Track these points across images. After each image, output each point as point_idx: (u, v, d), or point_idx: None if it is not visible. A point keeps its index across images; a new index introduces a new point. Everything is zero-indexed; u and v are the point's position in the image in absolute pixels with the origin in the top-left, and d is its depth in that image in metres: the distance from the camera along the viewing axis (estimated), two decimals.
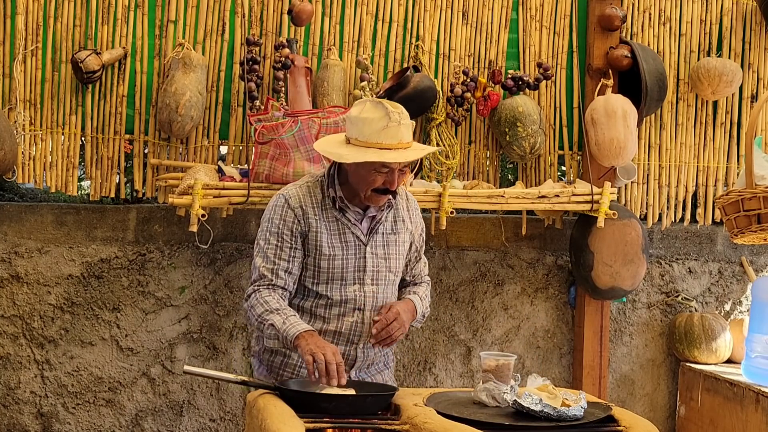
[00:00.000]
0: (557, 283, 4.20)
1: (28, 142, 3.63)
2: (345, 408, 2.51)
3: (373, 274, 2.93)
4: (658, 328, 4.31)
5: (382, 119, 2.76)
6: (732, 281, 4.39)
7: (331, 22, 3.84)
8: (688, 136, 4.17)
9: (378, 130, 2.76)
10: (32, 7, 3.61)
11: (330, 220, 2.90)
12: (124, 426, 3.83)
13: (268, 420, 2.40)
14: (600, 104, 3.84)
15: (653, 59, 3.90)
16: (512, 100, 3.83)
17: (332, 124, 3.47)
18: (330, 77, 3.69)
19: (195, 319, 3.86)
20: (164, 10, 3.71)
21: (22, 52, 3.60)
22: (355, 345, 2.93)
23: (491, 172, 4.04)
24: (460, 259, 4.10)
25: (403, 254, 3.03)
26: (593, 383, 4.05)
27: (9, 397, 3.75)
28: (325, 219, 2.90)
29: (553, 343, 4.20)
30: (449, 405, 2.60)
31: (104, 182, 3.73)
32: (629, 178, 3.98)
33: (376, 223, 2.95)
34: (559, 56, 4.04)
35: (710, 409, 3.98)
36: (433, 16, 3.93)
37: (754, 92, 4.20)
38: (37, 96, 3.64)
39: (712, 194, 4.19)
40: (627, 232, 3.93)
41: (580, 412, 2.50)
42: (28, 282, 3.74)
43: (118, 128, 3.71)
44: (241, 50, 3.74)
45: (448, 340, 4.11)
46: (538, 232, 4.16)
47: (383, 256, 2.96)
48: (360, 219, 2.93)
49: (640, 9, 4.09)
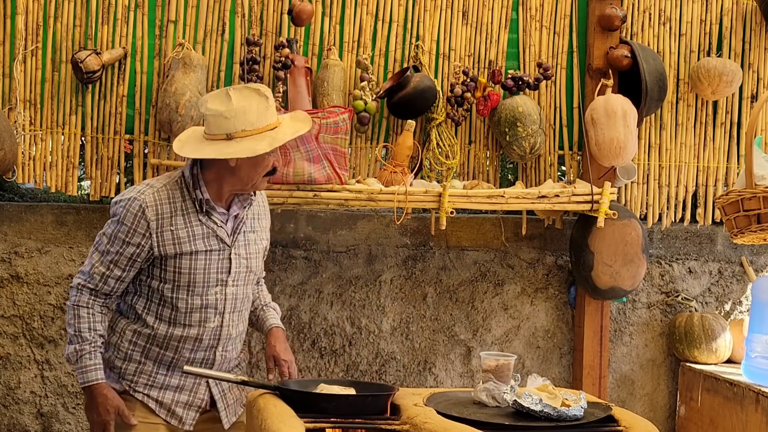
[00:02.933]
0: (557, 283, 4.20)
1: (28, 142, 3.63)
2: (345, 408, 2.52)
3: (236, 275, 2.85)
4: (658, 328, 4.31)
5: (261, 102, 2.71)
6: (732, 281, 4.39)
7: (331, 22, 3.84)
8: (688, 136, 4.17)
9: (262, 112, 2.71)
10: (32, 7, 3.61)
11: (193, 225, 2.78)
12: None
13: (268, 420, 2.40)
14: (600, 104, 3.84)
15: (653, 59, 3.90)
16: (512, 100, 3.83)
17: (332, 124, 3.46)
18: (330, 77, 3.69)
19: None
20: (164, 10, 3.71)
21: (22, 52, 3.60)
22: (214, 349, 2.86)
23: (491, 172, 4.04)
24: (460, 259, 4.11)
25: (261, 252, 2.96)
26: (593, 383, 4.05)
27: (9, 397, 3.75)
28: (186, 224, 2.77)
29: (553, 343, 4.20)
30: (449, 405, 2.60)
31: (104, 182, 3.72)
32: (629, 178, 3.98)
33: (239, 222, 2.86)
34: (559, 56, 4.04)
35: (710, 409, 3.98)
36: (433, 16, 3.93)
37: (754, 92, 4.20)
38: (37, 96, 3.64)
39: (712, 194, 4.19)
40: (627, 232, 3.93)
41: (580, 412, 2.50)
42: (28, 282, 3.74)
43: (118, 128, 3.71)
44: (241, 50, 3.74)
45: (448, 340, 4.11)
46: (538, 232, 4.16)
47: (245, 256, 2.88)
48: (225, 220, 2.83)
49: (640, 9, 4.08)
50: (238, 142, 2.69)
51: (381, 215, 4.02)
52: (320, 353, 3.98)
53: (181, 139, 2.84)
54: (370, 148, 3.91)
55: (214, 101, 2.72)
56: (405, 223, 4.01)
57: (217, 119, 2.71)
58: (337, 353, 3.99)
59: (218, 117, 2.71)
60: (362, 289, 4.02)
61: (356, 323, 4.02)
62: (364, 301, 4.02)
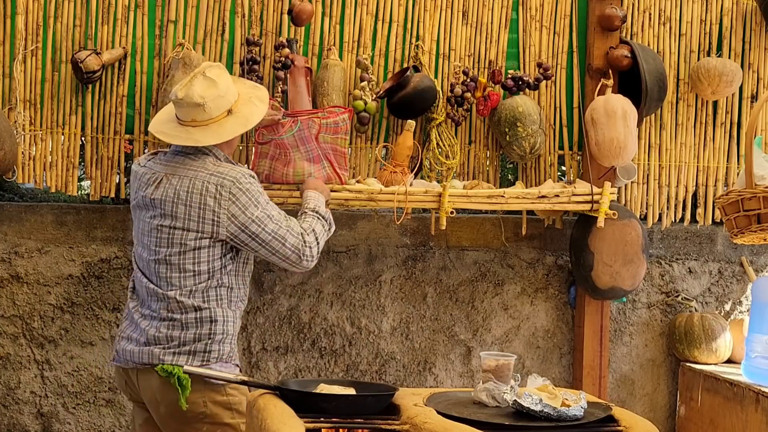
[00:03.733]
0: (557, 283, 4.20)
1: (28, 142, 3.63)
2: (345, 408, 2.51)
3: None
4: (658, 328, 4.31)
5: (223, 73, 3.04)
6: (732, 281, 4.39)
7: (331, 22, 3.84)
8: (688, 136, 4.17)
9: (230, 82, 3.08)
10: (32, 7, 3.61)
11: None
12: (124, 426, 3.83)
13: (268, 420, 2.40)
14: (600, 104, 3.84)
15: (653, 59, 3.90)
16: (512, 100, 3.83)
17: (332, 124, 3.46)
18: (330, 77, 3.69)
19: None
20: (164, 10, 3.71)
21: (22, 52, 3.60)
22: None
23: (491, 172, 4.04)
24: (460, 259, 4.11)
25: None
26: (593, 383, 4.05)
27: (9, 397, 3.75)
28: None
29: (553, 343, 4.20)
30: (449, 405, 2.60)
31: (104, 182, 3.72)
32: (629, 178, 3.98)
33: None
34: (559, 56, 4.04)
35: (710, 409, 3.98)
36: (433, 16, 3.93)
37: (754, 92, 4.20)
38: (37, 96, 3.64)
39: (712, 194, 4.19)
40: (627, 232, 3.93)
41: (580, 412, 2.50)
42: (28, 282, 3.74)
43: (118, 128, 3.71)
44: (241, 50, 3.74)
45: (448, 340, 4.11)
46: (538, 232, 4.16)
47: None
48: None
49: (640, 9, 4.08)
50: (238, 113, 3.00)
51: (381, 215, 4.02)
52: (320, 353, 3.98)
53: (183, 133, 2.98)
54: (370, 148, 3.91)
55: (198, 88, 2.91)
56: (405, 223, 4.01)
57: (216, 101, 2.94)
58: (337, 353, 3.99)
59: (217, 99, 2.94)
60: (362, 289, 4.02)
61: (356, 323, 4.02)
62: (364, 301, 4.02)
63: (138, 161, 3.13)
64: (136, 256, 3.06)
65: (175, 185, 2.92)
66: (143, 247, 3.00)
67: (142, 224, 3.01)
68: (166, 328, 2.91)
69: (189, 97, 2.91)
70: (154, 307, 2.95)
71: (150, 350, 2.91)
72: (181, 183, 2.92)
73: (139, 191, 3.01)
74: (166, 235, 2.92)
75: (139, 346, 2.94)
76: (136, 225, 3.05)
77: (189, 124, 2.96)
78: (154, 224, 2.95)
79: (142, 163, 3.09)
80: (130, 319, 3.03)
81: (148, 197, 2.96)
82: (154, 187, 2.95)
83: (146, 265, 2.99)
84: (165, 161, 3.01)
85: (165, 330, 2.91)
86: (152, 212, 2.96)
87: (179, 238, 2.91)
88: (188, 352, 2.90)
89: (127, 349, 2.97)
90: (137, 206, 3.03)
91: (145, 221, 2.98)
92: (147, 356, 2.91)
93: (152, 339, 2.92)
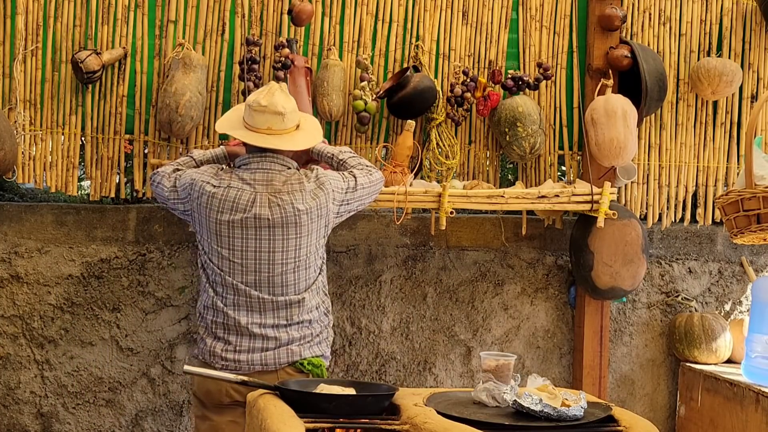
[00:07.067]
0: (557, 283, 4.20)
1: (28, 142, 3.63)
2: (345, 408, 2.51)
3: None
4: (658, 328, 4.31)
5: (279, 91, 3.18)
6: (732, 281, 4.39)
7: (331, 22, 3.84)
8: (688, 136, 4.17)
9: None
10: (32, 7, 3.61)
11: None
12: (124, 426, 3.83)
13: (268, 420, 2.40)
14: (600, 104, 3.84)
15: (653, 59, 3.90)
16: (512, 100, 3.83)
17: None
18: (330, 77, 3.69)
19: (195, 320, 3.86)
20: (164, 10, 3.71)
21: (22, 52, 3.60)
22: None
23: (491, 172, 4.04)
24: (460, 259, 4.11)
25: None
26: (593, 383, 4.05)
27: (9, 397, 3.75)
28: None
29: (553, 343, 4.20)
30: (449, 405, 2.60)
31: (104, 182, 3.73)
32: (629, 178, 3.98)
33: None
34: (559, 56, 4.04)
35: (710, 409, 3.98)
36: (433, 16, 3.93)
37: (754, 92, 4.20)
38: (37, 96, 3.65)
39: (712, 194, 4.19)
40: (627, 232, 3.93)
41: (580, 412, 2.50)
42: (28, 282, 3.74)
43: (118, 128, 3.71)
44: (241, 50, 3.74)
45: (448, 340, 4.11)
46: (538, 232, 4.17)
47: None
48: None
49: (640, 9, 4.09)
50: (303, 129, 3.16)
51: (381, 215, 4.02)
52: None
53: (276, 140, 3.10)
54: (370, 148, 3.91)
55: (279, 99, 3.05)
56: (405, 223, 4.01)
57: (293, 114, 3.09)
58: (337, 353, 3.99)
59: (293, 112, 3.09)
60: (362, 289, 4.02)
61: (356, 323, 4.02)
62: (364, 301, 4.02)
63: (207, 182, 3.07)
64: (234, 272, 3.06)
65: (286, 199, 3.02)
66: (257, 262, 3.05)
67: (254, 242, 3.04)
68: (297, 330, 3.11)
69: (273, 105, 3.02)
70: (282, 315, 3.09)
71: (288, 349, 3.09)
72: (292, 197, 3.03)
73: (235, 213, 3.02)
74: (293, 246, 3.05)
75: (277, 347, 3.08)
76: (241, 244, 3.05)
77: (264, 132, 3.05)
78: (277, 238, 3.03)
79: (215, 184, 3.06)
80: (242, 334, 3.09)
81: (264, 217, 3.01)
82: (263, 206, 3.01)
83: (258, 279, 3.05)
84: (251, 179, 3.05)
85: (299, 331, 3.11)
86: (271, 230, 3.03)
87: (305, 243, 3.07)
88: (319, 342, 3.18)
89: (254, 357, 3.09)
90: (240, 226, 3.03)
91: (263, 239, 3.04)
92: (286, 355, 3.09)
93: (288, 340, 3.10)
